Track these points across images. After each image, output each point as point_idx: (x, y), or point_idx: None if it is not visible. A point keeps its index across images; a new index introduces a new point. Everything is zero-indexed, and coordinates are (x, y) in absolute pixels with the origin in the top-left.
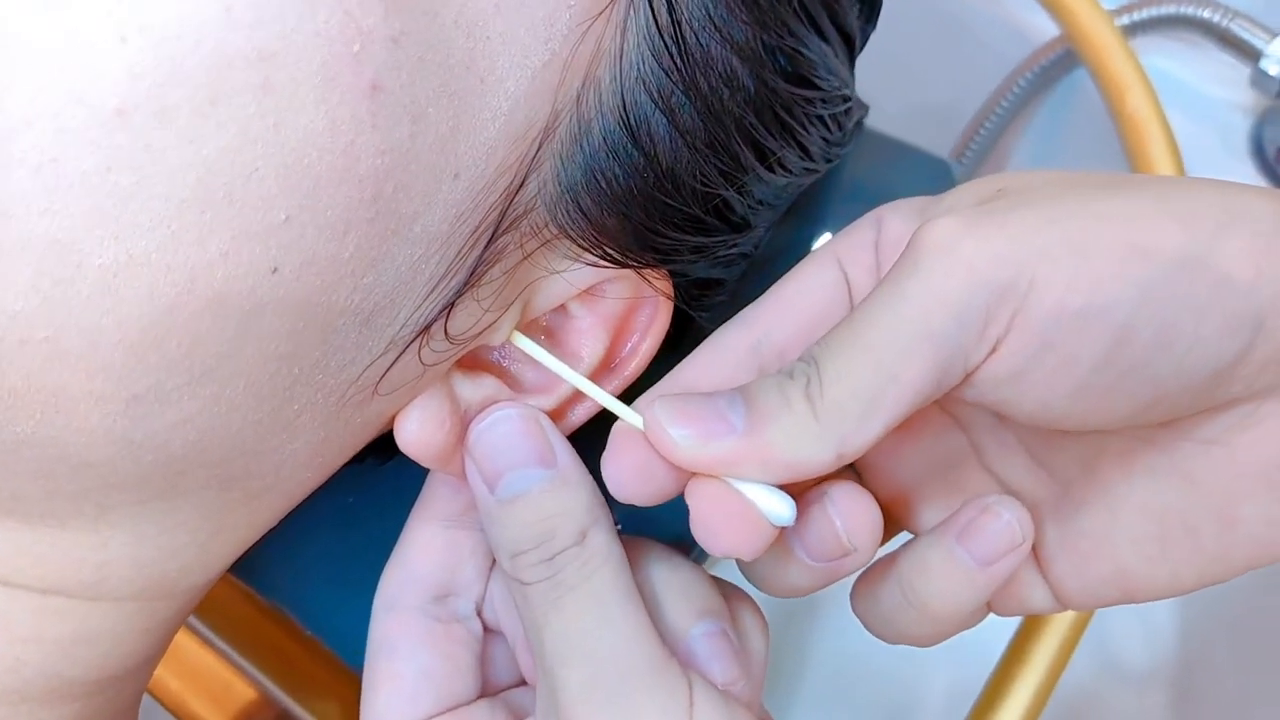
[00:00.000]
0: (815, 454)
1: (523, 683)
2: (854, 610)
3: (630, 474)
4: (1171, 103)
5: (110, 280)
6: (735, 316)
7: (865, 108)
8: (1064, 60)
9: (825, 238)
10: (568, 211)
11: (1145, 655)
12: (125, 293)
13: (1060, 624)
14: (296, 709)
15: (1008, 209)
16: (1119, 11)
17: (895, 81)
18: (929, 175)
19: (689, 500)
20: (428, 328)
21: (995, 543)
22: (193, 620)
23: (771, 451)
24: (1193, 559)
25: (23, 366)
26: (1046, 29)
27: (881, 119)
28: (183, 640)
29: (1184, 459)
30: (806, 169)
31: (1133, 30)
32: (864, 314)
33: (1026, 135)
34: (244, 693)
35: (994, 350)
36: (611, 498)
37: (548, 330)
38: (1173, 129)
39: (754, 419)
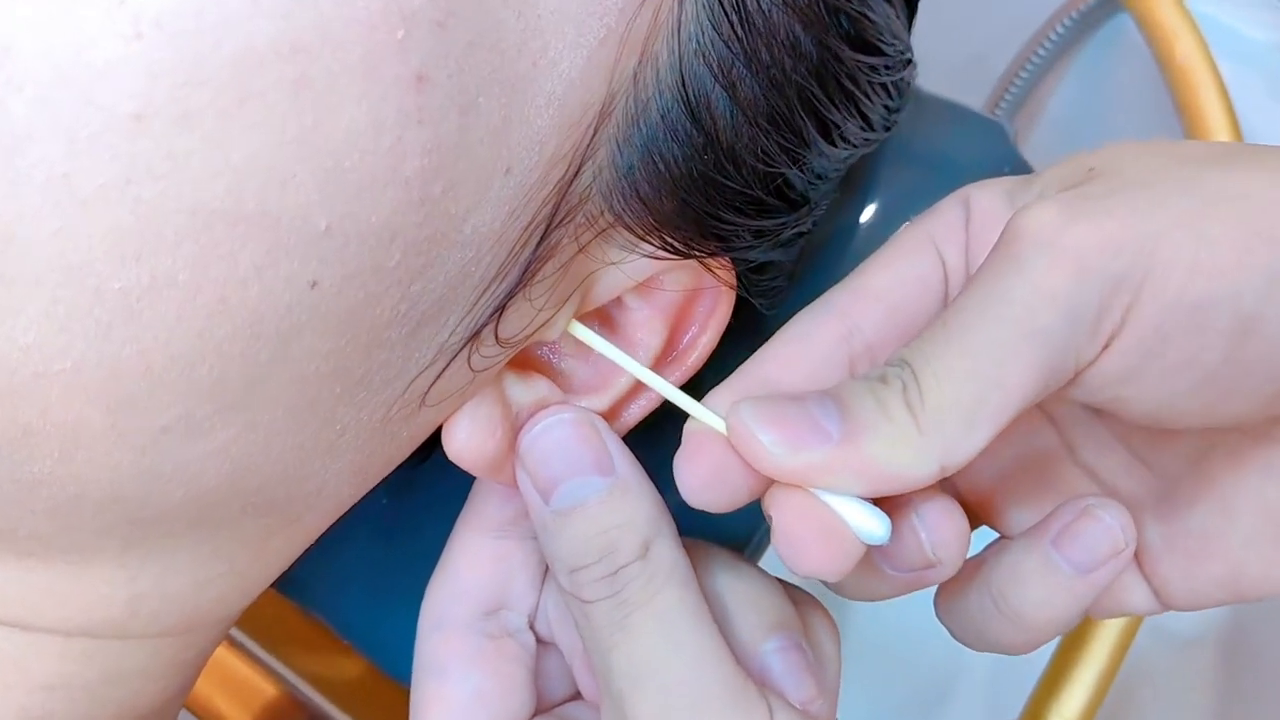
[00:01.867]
0: (917, 468)
1: (578, 695)
2: (939, 617)
3: (706, 479)
4: (1215, 47)
5: (132, 305)
6: (819, 301)
7: (914, 66)
8: (1104, 5)
9: (871, 208)
10: (624, 198)
11: (1195, 615)
12: (149, 318)
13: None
14: (331, 711)
15: (1109, 192)
16: None
17: (921, 28)
18: (983, 138)
19: (772, 513)
20: (478, 333)
21: (1096, 549)
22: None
23: (870, 463)
24: None
25: (38, 402)
26: None
27: None
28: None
29: None
30: (867, 139)
31: None
32: (960, 314)
33: (1064, 86)
34: (272, 695)
35: (1106, 347)
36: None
37: (602, 324)
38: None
39: (850, 428)
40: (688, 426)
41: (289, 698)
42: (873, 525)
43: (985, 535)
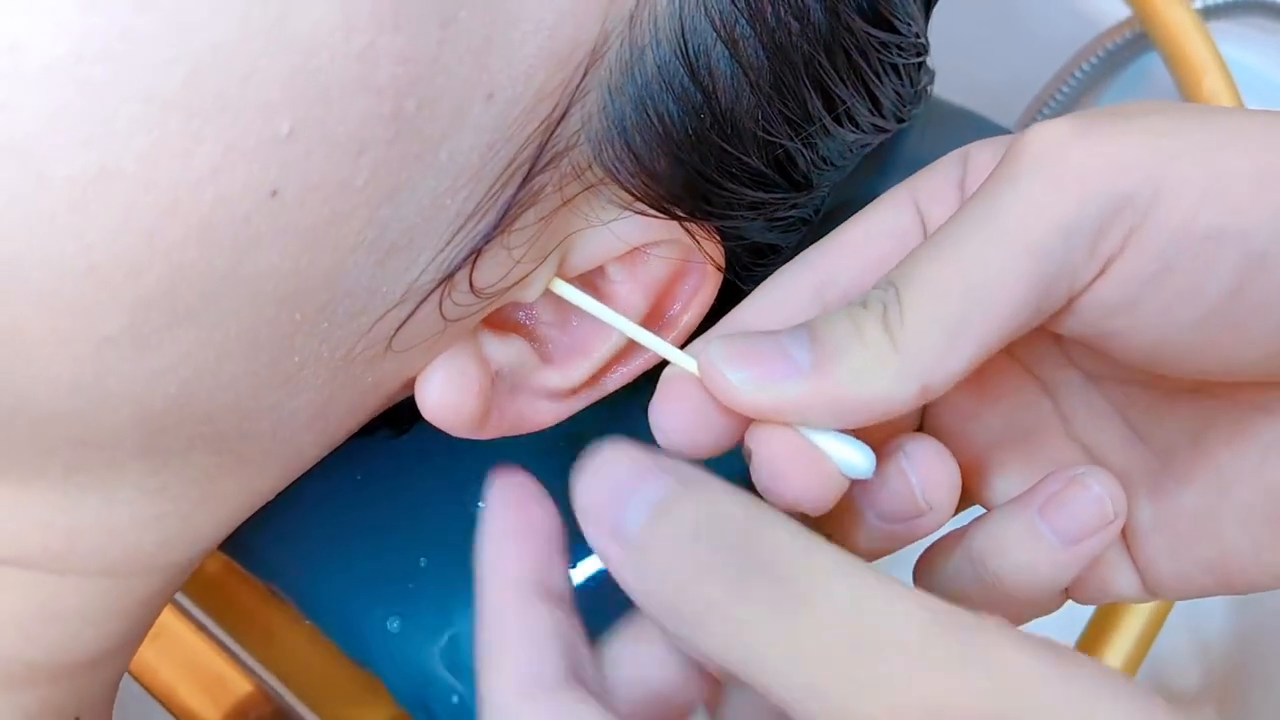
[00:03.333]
0: (894, 390)
1: None
2: (915, 583)
3: (682, 422)
4: (1245, 90)
5: (78, 195)
6: (796, 258)
7: (931, 73)
8: (1131, 45)
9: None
10: (614, 150)
11: (1196, 670)
12: (96, 211)
13: (1124, 640)
14: (298, 706)
15: (1125, 117)
16: None
17: (947, 65)
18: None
19: (750, 444)
20: (451, 276)
21: (1083, 518)
22: (186, 603)
23: (843, 392)
24: None
25: None
26: (1111, 12)
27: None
28: (175, 624)
29: None
30: (876, 126)
31: (1205, 15)
32: (952, 229)
33: None
34: (240, 685)
35: (1104, 271)
36: None
37: (583, 291)
38: None
39: (822, 355)
40: (664, 373)
41: (260, 692)
42: (856, 458)
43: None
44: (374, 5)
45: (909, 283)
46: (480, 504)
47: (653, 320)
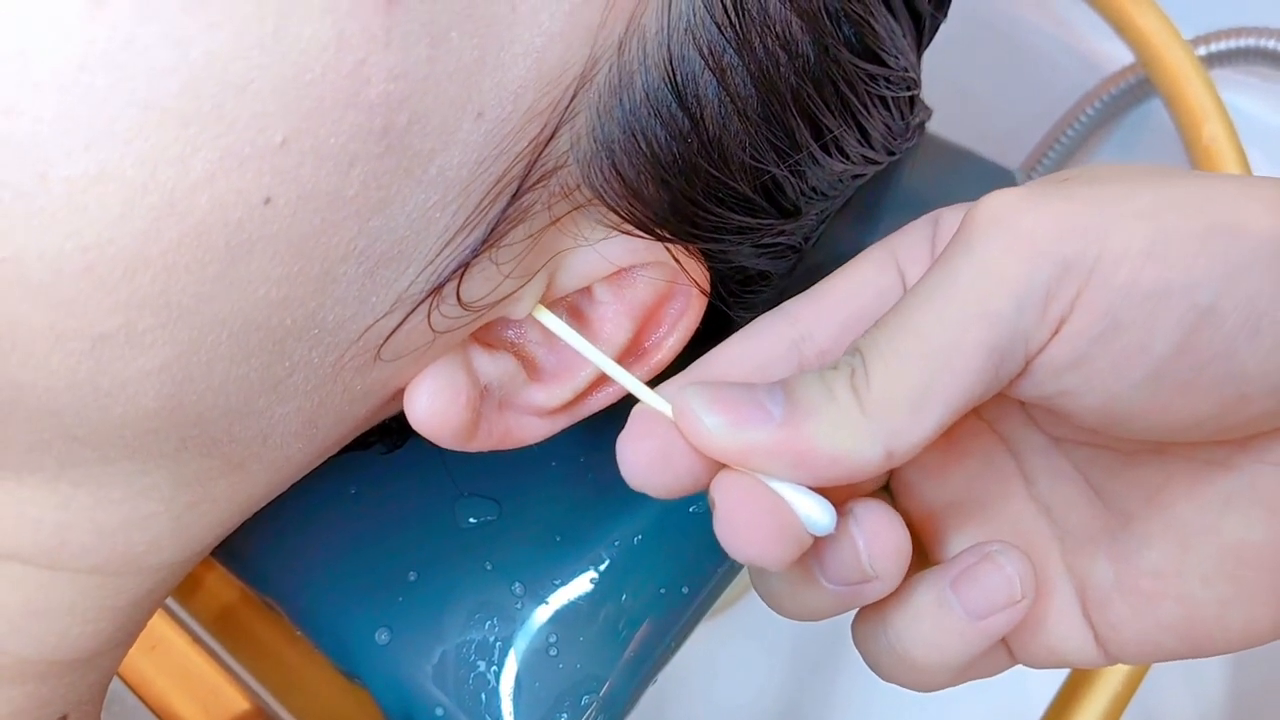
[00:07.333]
0: (862, 451)
1: None
2: (854, 641)
3: (649, 459)
4: (1246, 138)
5: (78, 196)
6: (777, 308)
7: (928, 110)
8: (1134, 91)
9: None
10: (602, 172)
11: None
12: (95, 212)
13: (1108, 687)
14: None
15: (1075, 185)
16: (1195, 42)
17: (953, 109)
18: (991, 186)
19: (714, 494)
20: (440, 288)
21: (991, 595)
22: (182, 615)
23: (812, 444)
24: (1272, 602)
25: None
26: (1116, 58)
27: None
28: (169, 634)
29: (1265, 486)
30: (865, 157)
31: (1208, 63)
32: (914, 298)
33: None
34: (233, 699)
35: (1056, 332)
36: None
37: (569, 315)
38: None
39: (793, 409)
40: (635, 409)
41: (253, 706)
42: (818, 514)
43: None
44: (366, 22)
45: (874, 348)
46: (472, 520)
47: (638, 343)
